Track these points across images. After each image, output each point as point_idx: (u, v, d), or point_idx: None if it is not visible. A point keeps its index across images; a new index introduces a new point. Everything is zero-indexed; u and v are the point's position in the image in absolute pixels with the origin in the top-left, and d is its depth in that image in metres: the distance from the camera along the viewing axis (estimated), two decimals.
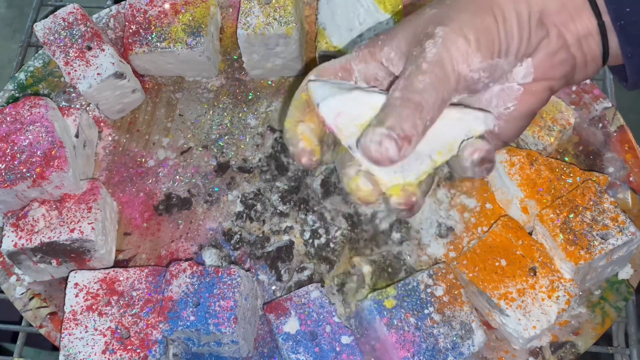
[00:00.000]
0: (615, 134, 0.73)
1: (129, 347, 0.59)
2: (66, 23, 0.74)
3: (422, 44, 0.46)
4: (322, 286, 0.65)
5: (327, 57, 0.74)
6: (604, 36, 0.47)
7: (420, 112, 0.44)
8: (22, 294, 0.68)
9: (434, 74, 0.45)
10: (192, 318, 0.59)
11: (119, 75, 0.72)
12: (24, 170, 0.63)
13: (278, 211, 0.71)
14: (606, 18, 0.47)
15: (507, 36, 0.46)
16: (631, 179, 0.71)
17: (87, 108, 0.77)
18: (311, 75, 0.51)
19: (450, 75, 0.45)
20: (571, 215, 0.63)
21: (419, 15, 0.49)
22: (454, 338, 0.60)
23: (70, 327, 0.60)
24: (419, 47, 0.46)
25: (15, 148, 0.65)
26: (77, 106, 0.77)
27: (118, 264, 0.69)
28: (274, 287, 0.68)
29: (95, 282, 0.62)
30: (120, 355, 0.59)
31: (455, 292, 0.62)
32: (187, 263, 0.62)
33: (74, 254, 0.65)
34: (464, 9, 0.47)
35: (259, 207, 0.71)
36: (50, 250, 0.64)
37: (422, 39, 0.47)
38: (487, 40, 0.46)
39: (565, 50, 0.48)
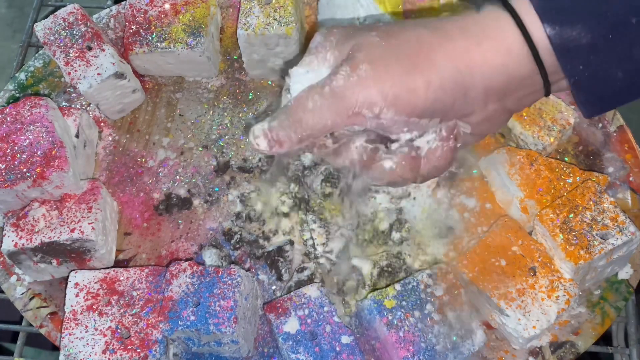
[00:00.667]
0: (615, 134, 0.74)
1: (129, 347, 0.59)
2: (66, 23, 0.74)
3: (343, 65, 0.47)
4: (322, 286, 0.65)
5: None
6: (547, 91, 0.48)
7: (298, 128, 0.48)
8: (23, 293, 0.68)
9: (328, 102, 0.46)
10: (192, 318, 0.59)
11: (119, 76, 0.72)
12: (24, 170, 0.63)
13: (278, 211, 0.71)
14: (553, 77, 0.46)
15: (434, 103, 0.46)
16: (631, 178, 0.71)
17: (88, 108, 0.78)
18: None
19: (344, 111, 0.46)
20: (571, 215, 0.63)
21: (369, 33, 0.48)
22: (454, 338, 0.60)
23: (70, 327, 0.60)
24: (341, 65, 0.47)
25: (16, 148, 0.65)
26: (78, 106, 0.77)
27: (118, 263, 0.69)
28: (274, 287, 0.68)
29: (95, 282, 0.62)
30: (121, 355, 0.59)
31: (455, 292, 0.62)
32: (187, 263, 0.62)
33: (74, 254, 0.65)
34: (401, 60, 0.46)
35: (258, 207, 0.72)
36: (50, 250, 0.64)
37: (348, 59, 0.47)
38: (407, 101, 0.45)
39: (504, 113, 0.49)
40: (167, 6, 0.76)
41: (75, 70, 0.72)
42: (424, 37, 0.46)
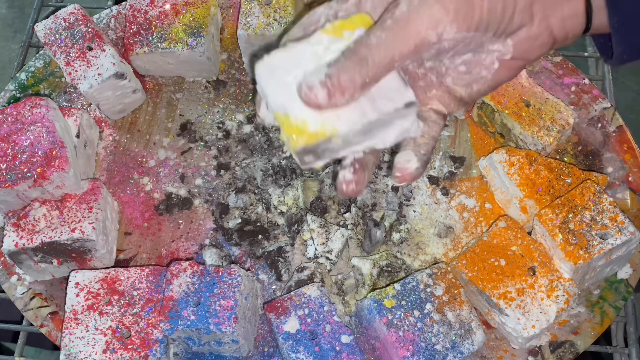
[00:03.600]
0: (614, 134, 0.74)
1: (129, 347, 0.59)
2: (67, 23, 0.74)
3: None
4: (322, 286, 0.65)
5: None
6: (589, 15, 0.48)
7: (363, 68, 0.45)
8: (23, 293, 0.68)
9: (393, 32, 0.45)
10: (192, 317, 0.59)
11: (120, 76, 0.73)
12: (25, 170, 0.64)
13: (278, 211, 0.71)
14: (597, 1, 0.47)
15: (489, 13, 0.46)
16: (630, 178, 0.71)
17: (88, 108, 0.78)
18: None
19: (411, 38, 0.45)
20: (570, 215, 0.63)
21: None
22: (454, 337, 0.60)
23: (71, 326, 0.61)
24: (396, 1, 0.46)
25: (17, 148, 0.65)
26: (78, 106, 0.77)
27: (119, 263, 0.69)
28: (274, 287, 0.68)
29: (96, 282, 0.63)
30: (121, 354, 0.59)
31: (455, 291, 0.62)
32: (187, 262, 0.62)
33: (75, 254, 0.65)
34: None
35: (259, 207, 0.72)
36: (51, 250, 0.64)
37: None
38: (466, 12, 0.45)
39: (547, 33, 0.48)
40: (167, 6, 0.77)
41: (76, 71, 0.72)
42: None
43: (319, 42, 0.48)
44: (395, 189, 0.72)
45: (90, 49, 0.73)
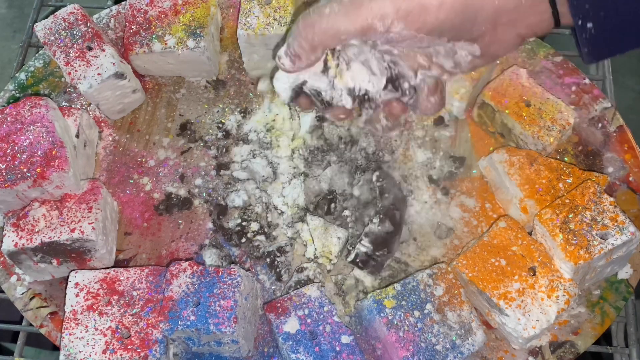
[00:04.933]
0: (614, 134, 0.74)
1: (129, 347, 0.59)
2: (67, 23, 0.74)
3: None
4: (322, 286, 0.65)
5: None
6: (557, 20, 0.49)
7: (309, 33, 0.49)
8: (23, 293, 0.68)
9: (345, 9, 0.48)
10: (192, 318, 0.59)
11: (120, 76, 0.73)
12: (25, 170, 0.63)
13: (278, 211, 0.71)
14: (562, 8, 0.48)
15: (444, 23, 0.47)
16: (630, 178, 0.71)
17: (88, 108, 0.78)
18: None
19: (359, 21, 0.48)
20: (570, 215, 0.63)
21: None
22: (454, 337, 0.60)
23: (70, 326, 0.60)
24: None
25: (16, 148, 0.65)
26: (78, 106, 0.77)
27: (118, 263, 0.69)
28: (274, 287, 0.68)
29: (95, 282, 0.62)
30: (121, 354, 0.59)
31: (455, 291, 0.62)
32: (187, 263, 0.62)
33: (75, 254, 0.65)
34: None
35: (259, 207, 0.72)
36: (50, 250, 0.64)
37: None
38: (417, 17, 0.47)
39: (514, 36, 0.50)
40: (166, 4, 0.76)
41: (76, 71, 0.72)
42: None
43: None
44: None
45: (89, 48, 0.73)
